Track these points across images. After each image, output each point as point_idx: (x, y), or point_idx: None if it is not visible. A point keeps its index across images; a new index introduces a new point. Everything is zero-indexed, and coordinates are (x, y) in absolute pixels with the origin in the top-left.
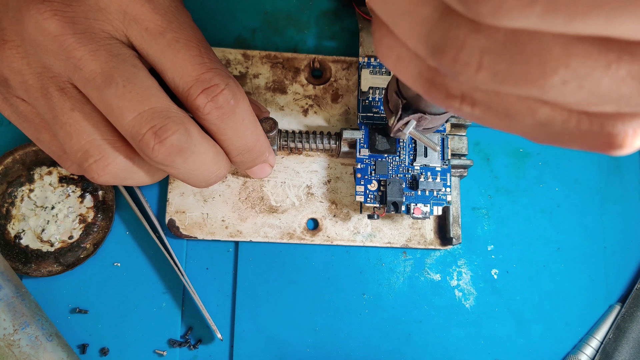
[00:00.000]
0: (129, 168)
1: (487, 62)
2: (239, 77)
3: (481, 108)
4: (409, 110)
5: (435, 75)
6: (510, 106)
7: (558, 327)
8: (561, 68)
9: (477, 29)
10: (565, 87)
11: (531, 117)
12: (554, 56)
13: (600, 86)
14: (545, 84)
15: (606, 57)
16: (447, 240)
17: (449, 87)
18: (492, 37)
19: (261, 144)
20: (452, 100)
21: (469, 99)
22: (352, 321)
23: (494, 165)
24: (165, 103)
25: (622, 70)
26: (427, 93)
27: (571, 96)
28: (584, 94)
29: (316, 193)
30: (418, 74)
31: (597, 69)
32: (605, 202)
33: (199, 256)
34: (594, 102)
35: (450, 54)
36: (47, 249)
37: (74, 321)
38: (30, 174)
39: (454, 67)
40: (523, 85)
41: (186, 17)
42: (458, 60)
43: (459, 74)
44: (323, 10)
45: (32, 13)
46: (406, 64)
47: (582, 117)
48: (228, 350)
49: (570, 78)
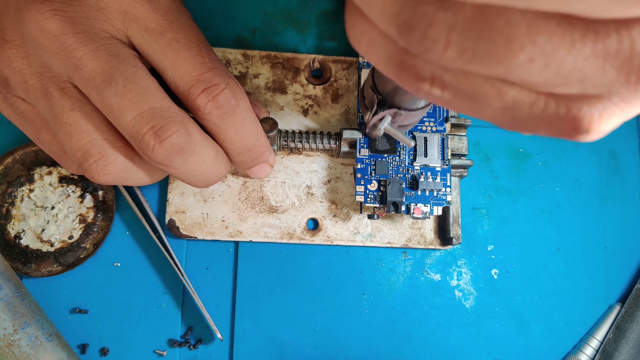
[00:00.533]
0: (129, 168)
1: (455, 39)
2: (239, 77)
3: (450, 91)
4: (384, 106)
5: (406, 58)
6: (478, 88)
7: (558, 327)
8: (527, 45)
9: (445, 5)
10: (532, 66)
11: (499, 99)
12: (520, 33)
13: (565, 65)
14: (512, 61)
15: (571, 35)
16: (447, 240)
17: (419, 70)
18: (460, 13)
19: (261, 144)
20: (421, 82)
21: (439, 82)
22: (352, 321)
23: (494, 165)
24: (165, 103)
25: (586, 49)
26: (398, 76)
27: (537, 75)
28: (550, 73)
29: (316, 193)
30: (389, 56)
31: (562, 47)
32: (605, 202)
33: (199, 256)
34: (560, 83)
35: (418, 31)
36: (47, 249)
37: (74, 321)
38: (30, 174)
39: (423, 44)
40: (490, 63)
41: (186, 17)
42: (426, 37)
43: (427, 52)
44: (323, 10)
45: (32, 13)
46: (377, 47)
47: (549, 99)
48: (228, 350)
49: (536, 56)
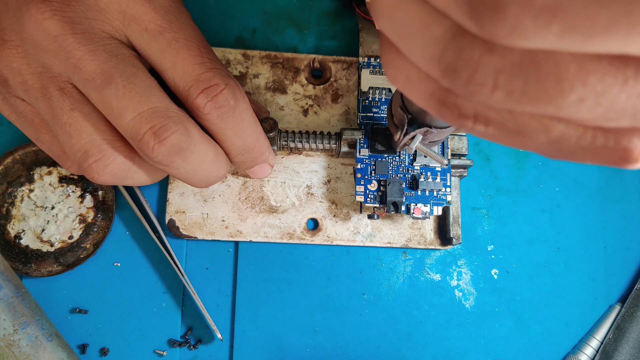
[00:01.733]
0: (128, 168)
1: (503, 82)
2: (239, 77)
3: (494, 127)
4: (414, 125)
5: (447, 96)
6: (524, 124)
7: (558, 327)
8: (578, 85)
9: (491, 49)
10: (582, 105)
11: (545, 134)
12: (570, 74)
13: (617, 102)
14: (562, 102)
15: (623, 73)
16: (447, 240)
17: (462, 107)
18: (507, 57)
19: (261, 144)
20: (465, 120)
21: (482, 119)
22: (352, 321)
23: (494, 165)
24: (165, 103)
25: (639, 86)
26: (440, 113)
27: (587, 113)
28: (601, 111)
29: (316, 193)
30: (430, 94)
31: (614, 86)
32: (605, 202)
33: (199, 256)
34: (610, 118)
35: (464, 74)
36: (47, 249)
37: (74, 321)
38: (30, 174)
39: (469, 88)
40: (539, 104)
41: (186, 17)
42: (472, 81)
43: (473, 95)
44: (323, 10)
45: (32, 13)
46: (417, 85)
47: (597, 132)
48: (228, 350)
49: (587, 95)
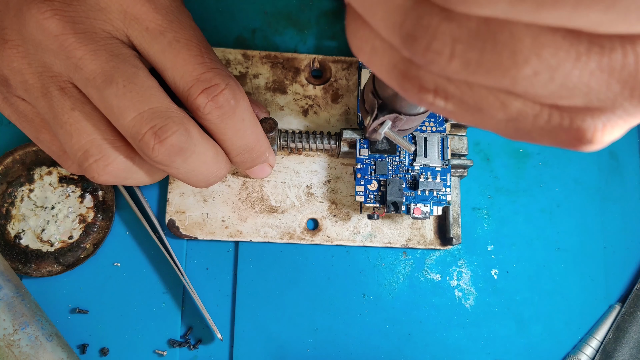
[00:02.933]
0: (129, 168)
1: (459, 51)
2: (239, 77)
3: (454, 102)
4: (384, 111)
5: (409, 68)
6: (482, 100)
7: (558, 327)
8: (533, 58)
9: (449, 17)
10: (536, 79)
11: (502, 111)
12: (525, 46)
13: (571, 78)
14: (517, 74)
15: (576, 48)
16: (447, 240)
17: (423, 80)
18: (464, 25)
19: (261, 144)
20: (425, 93)
21: (442, 92)
22: (352, 321)
23: (494, 165)
24: (165, 103)
25: (591, 63)
26: (401, 86)
27: (542, 88)
28: (555, 86)
29: (316, 193)
30: (392, 66)
31: (567, 61)
32: (605, 202)
33: (199, 256)
34: (564, 95)
35: (422, 42)
36: (47, 249)
37: (74, 321)
38: (30, 174)
39: (426, 56)
40: (495, 75)
41: (187, 17)
42: (430, 48)
43: (431, 63)
44: (323, 10)
45: (32, 12)
46: (380, 56)
47: (553, 111)
48: (228, 350)
49: (541, 69)
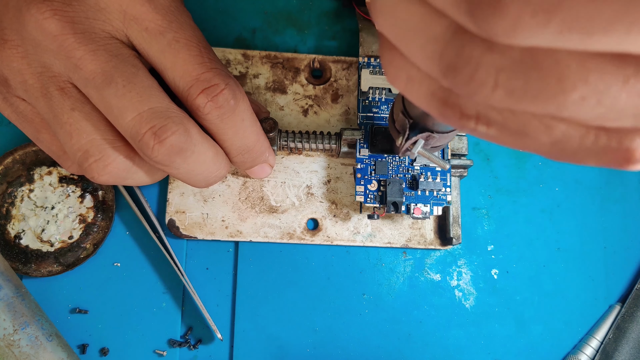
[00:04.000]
0: (129, 168)
1: (503, 81)
2: (239, 77)
3: (496, 127)
4: (416, 130)
5: (449, 96)
6: (525, 125)
7: (558, 327)
8: (579, 84)
9: (491, 47)
10: (584, 103)
11: (547, 134)
12: (571, 72)
13: (619, 101)
14: (564, 100)
15: (624, 72)
16: (447, 240)
17: (463, 107)
18: (507, 55)
19: (261, 144)
20: (466, 120)
21: (484, 119)
22: (352, 321)
23: (494, 165)
24: (165, 103)
25: (639, 85)
26: (441, 114)
27: (589, 112)
28: (602, 110)
29: (316, 193)
30: (431, 94)
31: (615, 84)
32: (605, 202)
33: (199, 256)
34: (612, 118)
35: (465, 73)
36: (47, 249)
37: (74, 321)
38: (30, 174)
39: (469, 87)
40: (541, 103)
41: (186, 17)
42: (473, 79)
43: (474, 94)
44: (323, 10)
45: (32, 12)
46: (418, 85)
47: (600, 132)
48: (228, 350)
49: (588, 94)
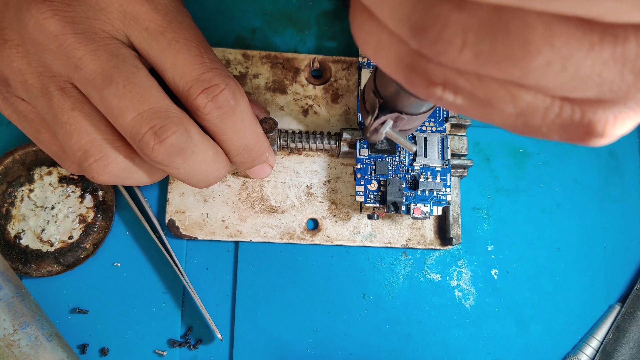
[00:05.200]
0: (129, 168)
1: (471, 41)
2: (239, 77)
3: (463, 95)
4: (385, 110)
5: (417, 60)
6: (492, 93)
7: (558, 327)
8: (545, 47)
9: (460, 5)
10: (548, 69)
11: (513, 104)
12: (537, 35)
13: (583, 68)
14: (528, 64)
15: (589, 38)
16: (447, 240)
17: (431, 73)
18: (475, 14)
19: (261, 144)
20: (433, 87)
21: (451, 86)
22: (352, 321)
23: (494, 165)
24: (165, 103)
25: (604, 52)
26: (408, 80)
27: (554, 79)
28: (567, 77)
29: (316, 193)
30: (399, 59)
31: (580, 50)
32: (605, 202)
33: (199, 256)
34: (576, 87)
35: (433, 32)
36: (47, 249)
37: (74, 321)
38: (30, 174)
39: (437, 46)
40: (506, 66)
41: (186, 17)
42: (441, 38)
43: (441, 54)
44: (323, 10)
45: (32, 12)
46: (387, 50)
47: (564, 103)
48: (228, 350)
49: (553, 58)
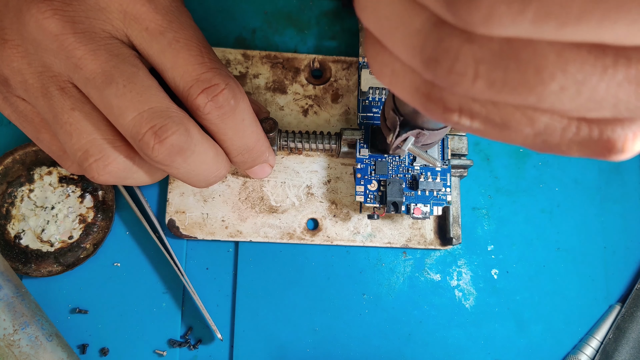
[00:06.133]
0: (129, 168)
1: (483, 72)
2: (239, 77)
3: (480, 120)
4: (406, 127)
5: (432, 89)
6: (508, 117)
7: (558, 327)
8: (558, 74)
9: (470, 38)
10: (563, 94)
11: (530, 126)
12: (550, 62)
13: (598, 91)
14: (543, 90)
15: (602, 62)
16: (447, 240)
17: (446, 101)
18: (486, 46)
19: (261, 144)
20: (450, 113)
21: (467, 112)
22: (352, 321)
23: (494, 165)
24: (165, 103)
25: (619, 75)
26: (425, 107)
27: (569, 102)
28: (582, 100)
29: (316, 193)
30: (415, 88)
31: (594, 74)
32: (605, 202)
33: (199, 256)
34: (592, 108)
35: (445, 65)
36: (47, 249)
37: (74, 321)
38: (30, 174)
39: (450, 78)
40: (520, 93)
41: (186, 17)
42: (453, 70)
43: (455, 85)
44: (323, 10)
45: (32, 12)
46: (402, 79)
47: (581, 123)
48: (228, 350)
49: (567, 84)
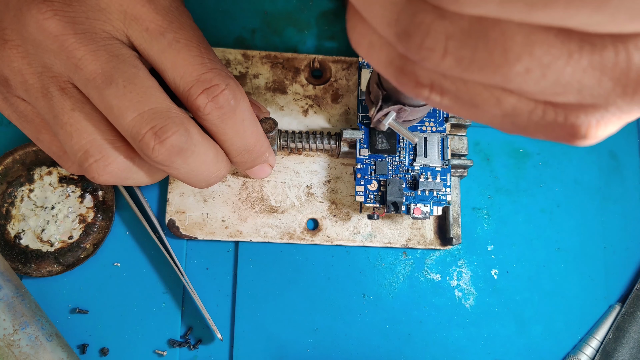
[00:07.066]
0: (129, 168)
1: (452, 48)
2: (239, 77)
3: (449, 97)
4: (388, 102)
5: (406, 63)
6: (477, 95)
7: (558, 327)
8: (524, 56)
9: (442, 15)
10: (529, 76)
11: (497, 107)
12: (517, 44)
13: (563, 75)
14: (508, 71)
15: (568, 46)
16: (447, 240)
17: (419, 76)
18: (457, 23)
19: (261, 144)
20: (421, 88)
21: (438, 88)
22: (352, 321)
23: (494, 165)
24: (165, 103)
25: (583, 60)
26: (398, 81)
27: (535, 85)
28: (548, 83)
29: (316, 193)
30: (389, 61)
31: (559, 58)
32: (605, 202)
33: (199, 256)
34: (558, 92)
35: (416, 39)
36: (47, 249)
37: (74, 321)
38: (30, 174)
39: (420, 53)
40: (487, 72)
41: (187, 18)
42: (424, 45)
43: (425, 60)
44: (323, 10)
45: (33, 13)
46: (378, 51)
47: (548, 107)
48: (228, 350)
49: (533, 66)
